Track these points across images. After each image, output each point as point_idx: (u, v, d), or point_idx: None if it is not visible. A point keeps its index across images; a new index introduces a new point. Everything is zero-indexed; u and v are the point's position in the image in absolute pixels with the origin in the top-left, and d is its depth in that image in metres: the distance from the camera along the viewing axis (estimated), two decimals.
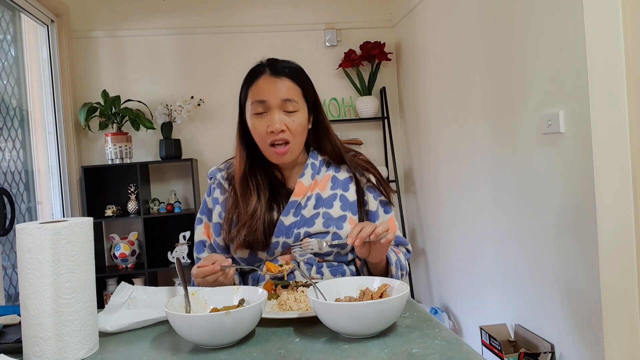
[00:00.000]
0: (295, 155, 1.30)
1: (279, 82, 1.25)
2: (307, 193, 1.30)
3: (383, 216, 1.35)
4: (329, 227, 1.27)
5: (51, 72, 3.03)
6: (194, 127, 3.38)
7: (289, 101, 1.25)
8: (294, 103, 1.26)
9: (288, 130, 1.25)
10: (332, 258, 1.30)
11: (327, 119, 1.38)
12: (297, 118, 1.26)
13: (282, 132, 1.24)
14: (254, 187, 1.29)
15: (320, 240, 1.23)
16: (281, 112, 1.25)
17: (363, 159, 1.39)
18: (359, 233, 1.10)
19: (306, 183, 1.31)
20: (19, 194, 2.65)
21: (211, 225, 1.37)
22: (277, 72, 1.27)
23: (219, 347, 0.91)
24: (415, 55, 3.21)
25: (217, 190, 1.37)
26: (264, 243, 1.26)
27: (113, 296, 1.09)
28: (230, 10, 3.43)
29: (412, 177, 3.46)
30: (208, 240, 1.38)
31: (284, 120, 1.25)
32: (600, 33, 1.62)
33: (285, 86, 1.25)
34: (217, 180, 1.38)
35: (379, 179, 1.37)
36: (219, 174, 1.38)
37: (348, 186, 1.33)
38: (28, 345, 0.88)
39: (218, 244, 1.36)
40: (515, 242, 2.18)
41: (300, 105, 1.27)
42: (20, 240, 0.88)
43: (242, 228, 1.26)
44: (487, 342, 2.20)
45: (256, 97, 1.25)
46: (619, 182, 1.63)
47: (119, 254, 3.11)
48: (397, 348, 0.86)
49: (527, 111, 2.01)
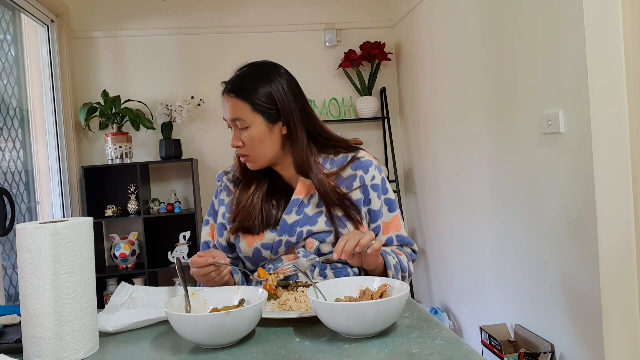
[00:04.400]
0: (262, 164, 1.30)
1: (226, 101, 1.28)
2: (309, 191, 1.30)
3: (387, 215, 1.33)
4: (331, 226, 1.27)
5: (51, 72, 3.03)
6: (194, 127, 3.38)
7: (236, 119, 1.26)
8: (241, 121, 1.25)
9: (244, 145, 1.27)
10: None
11: (310, 118, 1.31)
12: (250, 132, 1.25)
13: (239, 147, 1.28)
14: (254, 175, 1.34)
15: (305, 260, 1.24)
16: (237, 129, 1.27)
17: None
18: (344, 247, 1.09)
19: (308, 182, 1.31)
20: (19, 194, 2.65)
21: (216, 226, 1.40)
22: (227, 89, 1.28)
23: (219, 347, 0.91)
24: (415, 55, 3.21)
25: (224, 192, 1.41)
26: (259, 227, 1.28)
27: (113, 296, 1.09)
28: (230, 10, 3.43)
29: (412, 177, 3.46)
30: (212, 240, 1.41)
31: (239, 135, 1.27)
32: (600, 33, 1.62)
33: (230, 105, 1.27)
34: (223, 182, 1.42)
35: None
36: (225, 176, 1.42)
37: (352, 184, 1.31)
38: (28, 345, 0.88)
39: (221, 244, 1.37)
40: (515, 242, 2.18)
41: (250, 120, 1.25)
42: (20, 240, 0.88)
43: (240, 211, 1.30)
44: (487, 342, 2.20)
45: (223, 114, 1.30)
46: (619, 182, 1.63)
47: (119, 254, 3.11)
48: (397, 348, 0.86)
49: (527, 111, 2.01)
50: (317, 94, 3.43)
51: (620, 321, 1.65)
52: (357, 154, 1.35)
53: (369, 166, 1.32)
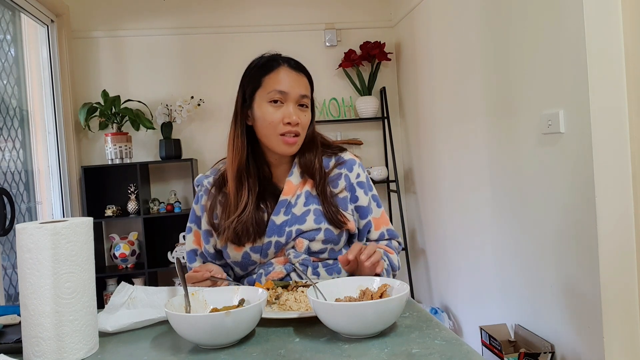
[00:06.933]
0: (297, 149, 1.31)
1: (298, 77, 1.29)
2: (296, 191, 1.30)
3: (376, 210, 1.37)
4: (320, 223, 1.28)
5: (51, 72, 3.03)
6: (194, 127, 3.38)
7: (305, 97, 1.29)
8: (308, 100, 1.30)
9: (300, 124, 1.27)
10: (326, 255, 1.30)
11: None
12: (308, 114, 1.30)
13: (297, 124, 1.27)
14: (246, 181, 1.29)
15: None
16: (296, 106, 1.27)
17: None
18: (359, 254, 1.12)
19: (295, 182, 1.31)
20: (19, 194, 2.65)
21: (201, 233, 1.36)
22: (297, 67, 1.30)
23: (219, 347, 0.91)
24: (415, 55, 3.21)
25: (205, 197, 1.36)
26: (253, 237, 1.26)
27: (113, 296, 1.09)
28: (230, 10, 3.43)
29: (412, 177, 3.46)
30: (199, 248, 1.38)
31: (298, 114, 1.27)
32: (600, 33, 1.62)
33: (303, 82, 1.29)
34: (204, 186, 1.37)
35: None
36: (206, 180, 1.37)
37: (337, 183, 1.34)
38: (28, 345, 0.88)
39: (208, 252, 1.35)
40: (515, 242, 2.18)
41: (309, 103, 1.31)
42: (20, 240, 0.88)
43: (233, 221, 1.26)
44: (487, 342, 2.20)
45: (276, 86, 1.26)
46: (619, 182, 1.63)
47: (119, 254, 3.11)
48: (397, 348, 0.86)
49: (527, 111, 2.01)
50: (317, 93, 3.37)
51: (620, 321, 1.65)
52: (342, 153, 1.39)
53: (353, 165, 1.37)
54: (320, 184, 1.30)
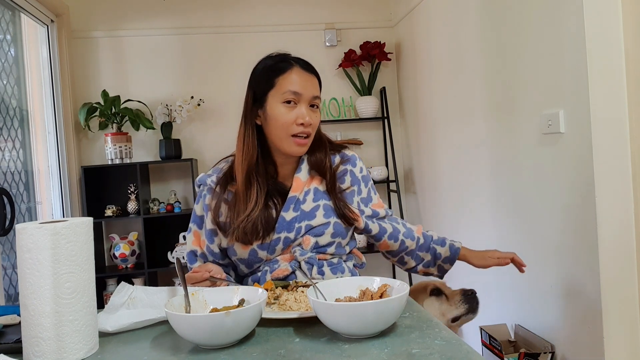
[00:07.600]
0: (307, 149, 1.33)
1: (310, 78, 1.31)
2: (304, 188, 1.32)
3: (374, 197, 1.44)
4: (329, 217, 1.31)
5: (51, 72, 3.03)
6: (194, 127, 3.38)
7: (317, 98, 1.31)
8: (319, 100, 1.33)
9: (312, 125, 1.29)
10: (333, 249, 1.31)
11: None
12: (318, 115, 1.33)
13: (309, 125, 1.29)
14: (256, 181, 1.29)
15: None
16: (308, 106, 1.29)
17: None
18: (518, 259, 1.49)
19: (303, 178, 1.33)
20: (19, 194, 2.65)
21: (202, 233, 1.35)
22: (308, 68, 1.33)
23: (219, 347, 0.91)
24: (415, 55, 3.20)
25: (208, 195, 1.35)
26: (262, 236, 1.27)
27: (113, 296, 1.09)
28: (230, 10, 3.43)
29: (412, 177, 3.46)
30: (199, 249, 1.36)
31: (310, 114, 1.29)
32: (600, 33, 1.62)
33: (315, 83, 1.32)
34: (207, 185, 1.35)
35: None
36: (209, 179, 1.36)
37: (344, 179, 1.38)
38: (28, 345, 0.88)
39: (212, 251, 1.34)
40: (515, 242, 2.18)
41: (319, 104, 1.34)
42: (20, 240, 0.88)
43: (243, 220, 1.25)
44: (487, 342, 2.20)
45: (290, 87, 1.27)
46: (619, 182, 1.62)
47: (119, 254, 3.11)
48: (397, 348, 0.86)
49: (527, 111, 2.01)
50: None
51: (620, 321, 1.65)
52: (344, 150, 1.44)
53: (355, 160, 1.42)
54: (331, 181, 1.34)
